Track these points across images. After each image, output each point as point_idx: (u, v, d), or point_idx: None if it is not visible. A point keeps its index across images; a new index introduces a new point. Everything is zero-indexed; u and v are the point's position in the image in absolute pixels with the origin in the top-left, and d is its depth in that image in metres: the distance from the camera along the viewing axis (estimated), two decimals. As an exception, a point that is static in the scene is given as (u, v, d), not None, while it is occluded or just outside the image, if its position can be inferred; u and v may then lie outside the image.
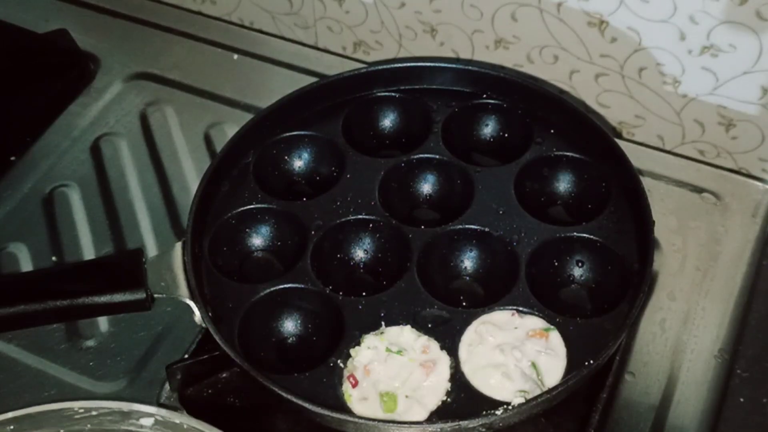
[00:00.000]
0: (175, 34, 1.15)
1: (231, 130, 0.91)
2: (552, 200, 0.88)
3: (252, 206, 0.85)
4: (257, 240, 0.86)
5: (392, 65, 0.94)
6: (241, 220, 0.85)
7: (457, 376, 0.74)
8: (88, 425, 0.73)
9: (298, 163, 0.91)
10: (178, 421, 0.71)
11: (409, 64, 0.95)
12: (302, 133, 0.91)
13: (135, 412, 0.72)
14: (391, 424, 0.70)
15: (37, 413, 0.72)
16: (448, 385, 0.73)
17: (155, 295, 0.77)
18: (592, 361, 0.72)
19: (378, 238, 0.84)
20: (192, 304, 0.76)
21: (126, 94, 1.08)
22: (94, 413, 0.72)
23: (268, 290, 0.79)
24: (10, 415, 0.72)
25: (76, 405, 0.72)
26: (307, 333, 0.80)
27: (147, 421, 0.72)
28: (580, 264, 0.82)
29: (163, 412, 0.72)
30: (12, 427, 0.72)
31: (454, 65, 0.94)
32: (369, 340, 0.75)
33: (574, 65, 0.99)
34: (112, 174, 1.00)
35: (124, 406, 0.72)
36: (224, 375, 0.80)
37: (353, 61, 1.11)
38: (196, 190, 0.83)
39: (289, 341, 0.80)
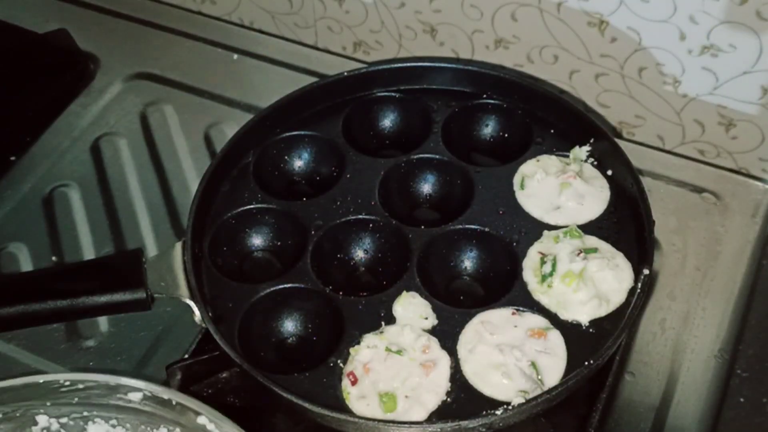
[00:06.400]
0: (175, 34, 1.15)
1: (231, 130, 0.91)
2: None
3: (252, 206, 0.85)
4: (257, 240, 0.86)
5: (392, 65, 0.94)
6: (241, 220, 0.85)
7: (457, 376, 0.74)
8: (76, 398, 0.71)
9: (298, 163, 0.91)
10: (166, 397, 0.70)
11: (409, 64, 0.95)
12: (302, 133, 0.91)
13: (122, 386, 0.70)
14: (391, 424, 0.71)
15: (23, 385, 0.71)
16: (448, 385, 0.73)
17: (155, 295, 0.77)
18: (592, 361, 0.72)
19: (378, 238, 0.84)
20: (192, 304, 0.76)
21: (126, 94, 1.08)
22: (80, 386, 0.70)
23: (268, 290, 0.79)
24: None
25: (62, 377, 0.71)
26: (307, 333, 0.80)
27: (135, 396, 0.71)
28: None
29: (152, 386, 0.70)
30: None
31: (454, 65, 0.94)
32: (369, 339, 0.75)
33: (574, 65, 0.99)
34: (112, 174, 1.00)
35: (111, 379, 0.70)
36: (224, 375, 0.80)
37: (353, 61, 1.11)
38: (196, 190, 0.83)
39: (289, 341, 0.80)
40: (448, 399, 0.73)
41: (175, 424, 0.70)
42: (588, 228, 0.82)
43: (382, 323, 0.77)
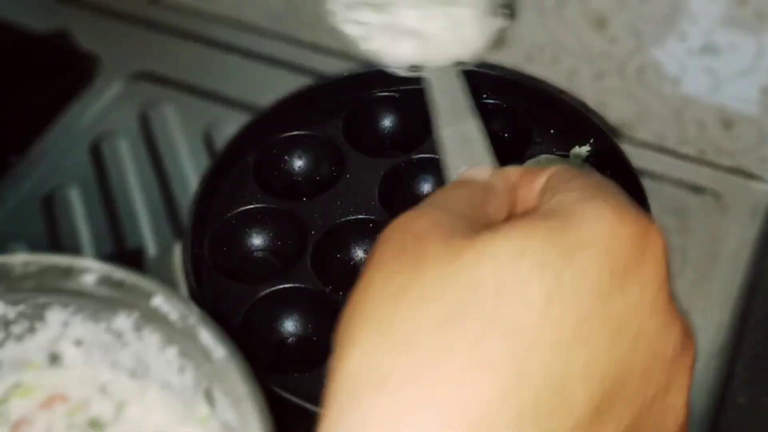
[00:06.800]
0: (175, 34, 1.15)
1: (231, 130, 0.91)
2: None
3: (252, 206, 0.85)
4: (257, 240, 0.86)
5: (392, 65, 0.94)
6: (241, 220, 0.85)
7: (457, 376, 0.74)
8: (31, 282, 0.66)
9: (298, 163, 0.91)
10: (119, 278, 0.64)
11: (409, 64, 0.95)
12: (302, 133, 0.91)
13: (74, 268, 0.65)
14: (391, 424, 0.70)
15: None
16: (448, 385, 0.73)
17: (155, 295, 0.77)
18: (592, 361, 0.72)
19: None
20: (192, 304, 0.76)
21: (126, 94, 1.08)
22: (32, 269, 0.65)
23: (268, 290, 0.79)
24: None
25: (16, 260, 0.65)
26: (307, 333, 0.80)
27: (89, 278, 0.65)
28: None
29: (105, 267, 0.65)
30: None
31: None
32: (369, 340, 0.75)
33: (574, 65, 0.99)
34: (112, 174, 1.00)
35: (62, 261, 0.65)
36: (224, 375, 0.80)
37: (353, 61, 1.11)
38: (196, 190, 0.83)
39: (289, 341, 0.80)
40: (448, 399, 0.72)
41: (133, 308, 0.65)
42: (588, 228, 0.82)
43: (382, 323, 0.77)
